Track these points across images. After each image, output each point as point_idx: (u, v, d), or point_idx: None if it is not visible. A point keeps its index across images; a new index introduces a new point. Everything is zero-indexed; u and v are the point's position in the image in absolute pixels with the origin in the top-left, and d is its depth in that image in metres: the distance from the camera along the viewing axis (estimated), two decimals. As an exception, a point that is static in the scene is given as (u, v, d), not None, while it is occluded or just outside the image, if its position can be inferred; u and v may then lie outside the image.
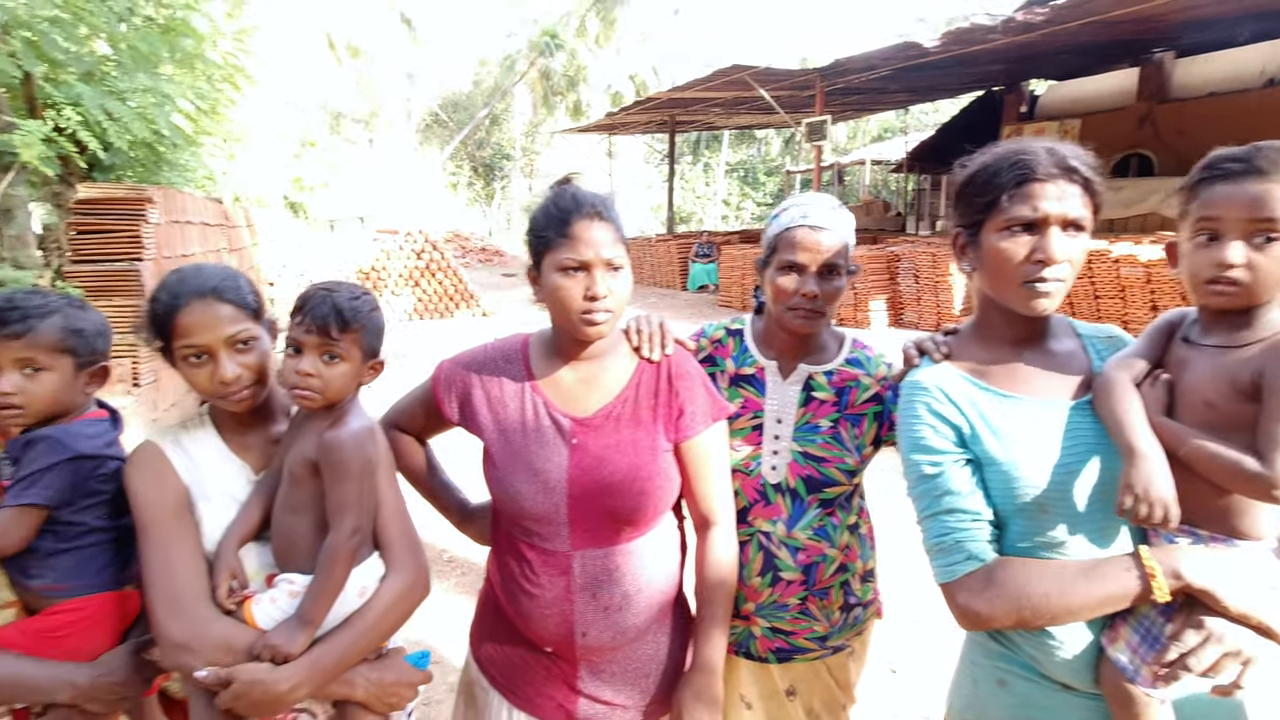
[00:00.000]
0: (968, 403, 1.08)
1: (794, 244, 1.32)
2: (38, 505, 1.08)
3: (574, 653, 1.22)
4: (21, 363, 1.10)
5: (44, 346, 1.11)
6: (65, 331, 1.13)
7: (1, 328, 1.09)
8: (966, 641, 1.18)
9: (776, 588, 1.36)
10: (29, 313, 1.10)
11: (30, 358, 1.10)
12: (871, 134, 33.61)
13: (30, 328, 1.10)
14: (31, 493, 1.08)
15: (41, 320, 1.11)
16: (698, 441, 1.26)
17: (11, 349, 1.09)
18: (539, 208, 1.22)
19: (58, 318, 1.13)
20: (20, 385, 1.10)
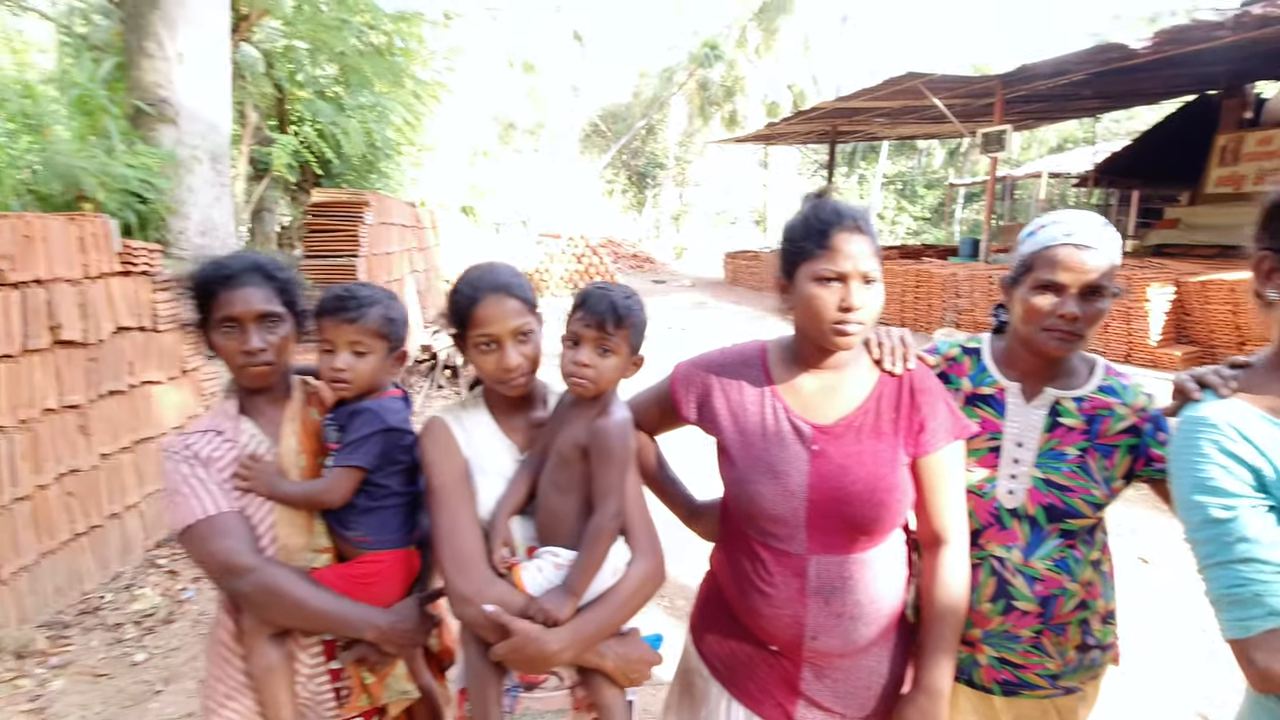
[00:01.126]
0: (1270, 444, 0.99)
1: (1055, 263, 1.27)
2: (360, 467, 1.27)
3: (800, 654, 1.25)
4: (353, 344, 1.29)
5: (370, 331, 1.30)
6: (385, 320, 1.32)
7: (341, 313, 1.28)
8: (1250, 705, 1.08)
9: (1009, 617, 1.31)
10: (362, 302, 1.30)
11: (360, 340, 1.29)
12: (1049, 144, 30.94)
13: (363, 314, 1.29)
14: (357, 456, 1.27)
15: (370, 309, 1.30)
16: (937, 458, 1.25)
17: (346, 332, 1.29)
18: (797, 219, 1.26)
19: (380, 307, 1.32)
20: (350, 363, 1.29)
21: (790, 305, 1.28)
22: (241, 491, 1.26)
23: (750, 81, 29.90)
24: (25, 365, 2.86)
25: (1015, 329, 1.37)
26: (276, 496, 1.27)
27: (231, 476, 1.27)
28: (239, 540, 1.22)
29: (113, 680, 2.62)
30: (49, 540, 2.96)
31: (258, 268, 1.32)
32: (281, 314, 1.32)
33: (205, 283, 1.29)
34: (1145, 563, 3.52)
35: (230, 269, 1.30)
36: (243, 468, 1.27)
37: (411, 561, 1.37)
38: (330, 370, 1.30)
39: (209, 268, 1.31)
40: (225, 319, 1.28)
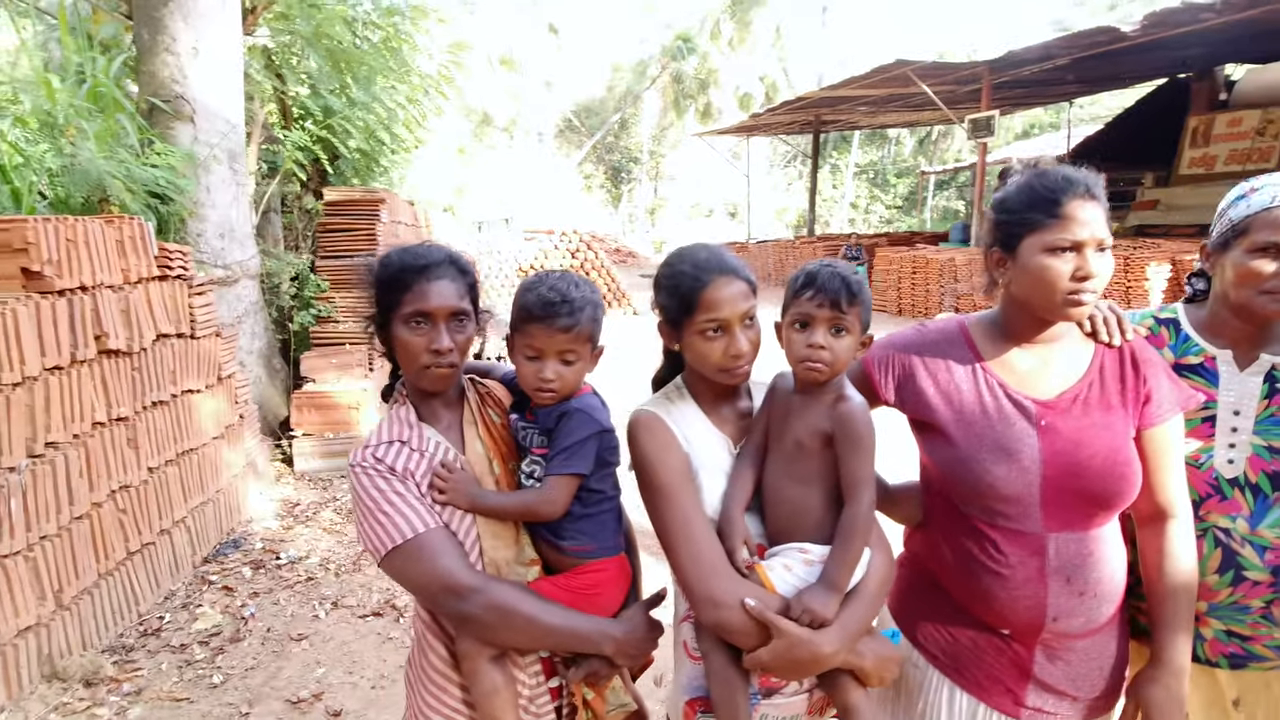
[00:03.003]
0: None
1: (1277, 225, 1.24)
2: (581, 474, 1.19)
3: (1036, 637, 1.21)
4: (563, 353, 1.20)
5: (583, 338, 1.21)
6: (594, 323, 1.22)
7: (553, 320, 1.18)
8: None
9: (1239, 588, 1.29)
10: (575, 306, 1.19)
11: (572, 349, 1.20)
12: (1015, 131, 31.52)
13: (576, 322, 1.19)
14: (575, 463, 1.18)
15: (582, 314, 1.20)
16: (1163, 430, 1.22)
17: (558, 341, 1.18)
18: (1016, 189, 1.22)
19: (591, 309, 1.22)
20: (560, 372, 1.20)
21: (1008, 279, 1.24)
22: (441, 505, 1.17)
23: (724, 74, 29.95)
24: (74, 377, 2.71)
25: (1223, 295, 1.34)
26: (480, 508, 1.18)
27: (429, 490, 1.17)
28: (456, 559, 1.13)
29: (195, 705, 2.49)
30: (106, 561, 2.82)
31: (453, 261, 1.22)
32: (470, 313, 1.22)
33: (400, 272, 1.19)
34: None
35: (428, 259, 1.20)
36: (438, 479, 1.17)
37: (628, 568, 1.29)
38: (538, 380, 1.20)
39: (404, 256, 1.21)
40: (417, 313, 1.17)
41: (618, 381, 1.28)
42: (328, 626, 3.07)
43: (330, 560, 3.67)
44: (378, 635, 3.01)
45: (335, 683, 2.69)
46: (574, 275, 1.26)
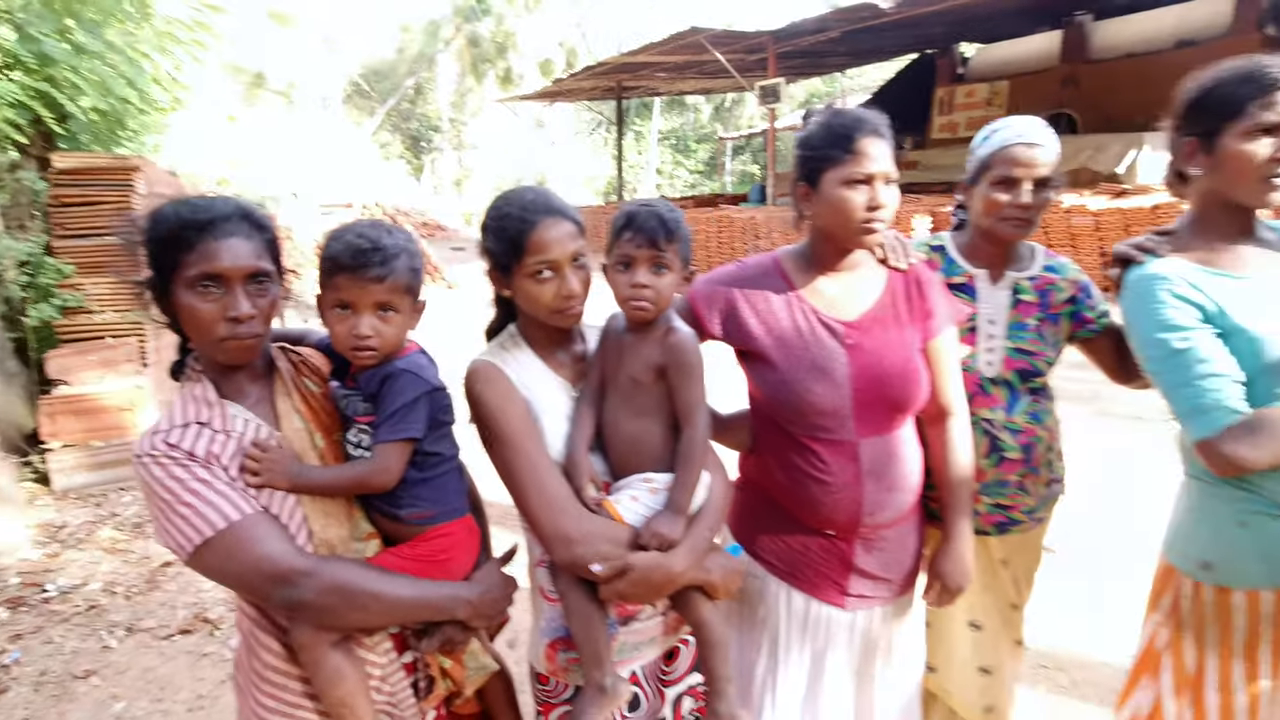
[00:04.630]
0: (1207, 285, 1.26)
1: (1012, 160, 1.47)
2: (414, 438, 1.11)
3: (856, 533, 1.36)
4: (379, 305, 1.10)
5: (400, 287, 1.11)
6: (411, 272, 1.13)
7: (365, 270, 1.08)
8: (1195, 494, 1.38)
9: (1001, 467, 1.53)
10: (388, 253, 1.09)
11: (388, 300, 1.11)
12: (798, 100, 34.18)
13: (391, 269, 1.09)
14: (407, 426, 1.10)
15: (397, 260, 1.10)
16: (941, 340, 1.41)
17: (373, 293, 1.09)
18: (816, 126, 1.32)
19: (407, 256, 1.12)
20: (377, 328, 1.10)
21: (812, 211, 1.34)
22: (257, 488, 1.05)
23: (522, 38, 29.20)
24: None
25: (976, 223, 1.56)
26: (303, 487, 1.07)
27: (240, 473, 1.04)
28: (280, 543, 1.02)
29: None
30: None
31: (245, 215, 1.07)
32: (271, 273, 1.08)
33: (179, 229, 1.02)
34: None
35: (212, 213, 1.03)
36: (250, 460, 1.04)
37: (476, 528, 1.24)
38: (353, 337, 1.10)
39: (182, 209, 1.03)
40: (204, 276, 1.01)
41: (441, 359, 1.22)
42: (123, 656, 2.68)
43: (117, 583, 3.19)
44: (189, 654, 2.69)
45: (141, 714, 2.37)
46: (386, 222, 1.17)
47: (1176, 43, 12.37)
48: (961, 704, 1.69)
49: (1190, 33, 12.28)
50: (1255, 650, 1.35)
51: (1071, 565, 2.93)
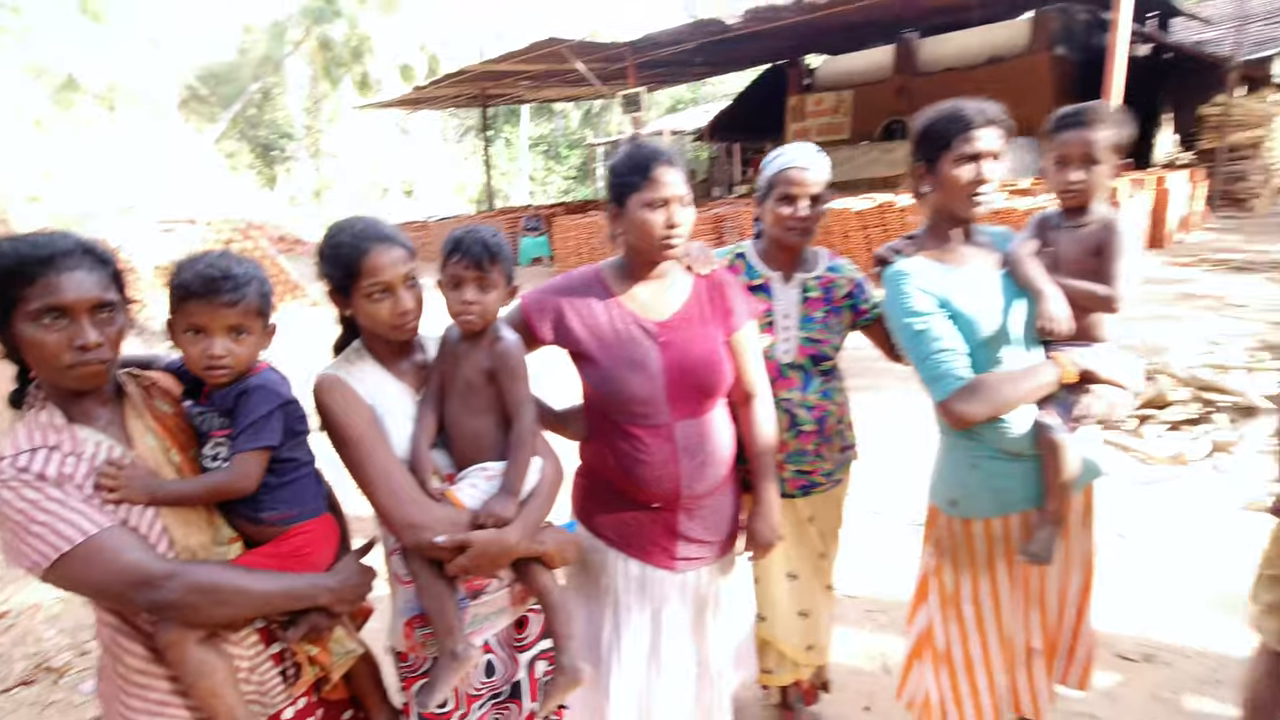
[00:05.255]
0: (938, 278, 1.59)
1: (789, 181, 1.75)
2: (270, 446, 1.21)
3: (678, 504, 1.58)
4: (232, 328, 1.19)
5: (252, 311, 1.21)
6: (262, 297, 1.23)
7: (216, 296, 1.16)
8: (942, 445, 1.72)
9: (800, 439, 1.81)
10: (239, 280, 1.18)
11: (241, 323, 1.20)
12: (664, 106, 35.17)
13: (243, 295, 1.19)
14: (264, 436, 1.20)
15: (249, 286, 1.20)
16: (743, 334, 1.66)
17: (226, 317, 1.18)
18: (621, 158, 1.53)
19: (258, 282, 1.22)
20: (230, 349, 1.19)
21: (622, 229, 1.56)
22: (114, 504, 1.10)
23: (379, 42, 28.16)
24: None
25: (768, 233, 1.83)
26: (161, 499, 1.14)
27: (96, 490, 1.09)
28: (140, 551, 1.08)
29: None
30: None
31: (86, 249, 1.12)
32: (116, 303, 1.13)
33: (18, 265, 1.05)
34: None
35: (52, 249, 1.07)
36: (105, 477, 1.10)
37: (335, 524, 1.35)
38: (207, 359, 1.18)
39: (20, 245, 1.07)
40: (48, 309, 1.06)
41: (308, 374, 1.33)
42: (-47, 717, 2.49)
43: (-61, 642, 2.93)
44: (32, 706, 2.53)
45: (-21, 774, 2.23)
46: (233, 254, 1.26)
47: (988, 58, 13.95)
48: (787, 645, 1.97)
49: (998, 50, 13.89)
50: (993, 568, 1.70)
51: (891, 522, 3.37)
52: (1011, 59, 13.50)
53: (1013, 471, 1.63)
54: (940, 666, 1.81)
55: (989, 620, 1.74)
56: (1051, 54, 13.02)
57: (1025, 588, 1.73)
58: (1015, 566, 1.70)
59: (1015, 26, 13.66)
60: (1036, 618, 1.75)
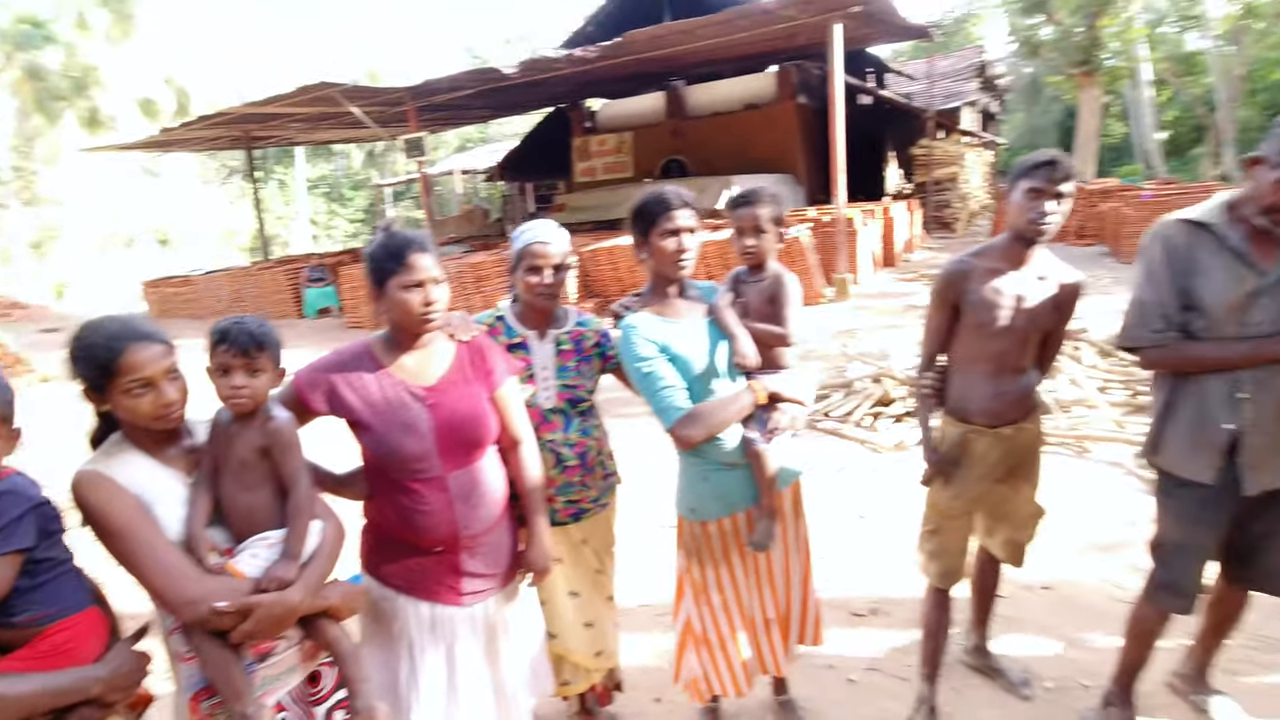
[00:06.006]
0: (659, 328, 1.96)
1: (533, 254, 2.04)
2: (22, 549, 1.21)
3: (458, 545, 1.78)
4: None
5: None
6: (8, 403, 1.24)
7: None
8: (680, 464, 2.08)
9: (567, 473, 2.09)
10: None
11: None
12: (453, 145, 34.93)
13: None
14: (12, 540, 1.20)
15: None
16: (505, 390, 1.90)
17: None
18: (377, 246, 1.72)
19: (5, 388, 1.23)
20: None
21: (385, 308, 1.74)
22: None
23: (110, 73, 24.92)
24: None
25: (521, 297, 2.11)
26: None
27: None
28: None
29: None
30: None
31: None
32: None
33: None
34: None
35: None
36: None
37: (102, 617, 1.36)
38: None
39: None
40: None
41: (56, 459, 1.34)
42: None
43: None
44: None
45: None
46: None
47: (745, 105, 15.72)
48: (578, 656, 2.22)
49: (752, 98, 15.72)
50: (730, 559, 2.09)
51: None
52: (764, 106, 15.37)
53: (733, 479, 2.04)
54: (701, 648, 2.17)
55: (732, 603, 2.13)
56: (795, 102, 15.02)
57: (757, 571, 2.15)
58: (747, 555, 2.11)
59: (764, 78, 15.59)
60: (769, 594, 2.18)
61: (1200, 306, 1.91)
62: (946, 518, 2.28)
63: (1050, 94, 26.51)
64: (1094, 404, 4.94)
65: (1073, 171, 1.97)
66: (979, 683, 2.60)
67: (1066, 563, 3.30)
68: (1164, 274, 1.94)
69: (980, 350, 2.13)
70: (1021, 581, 3.06)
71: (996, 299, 2.06)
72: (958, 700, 2.51)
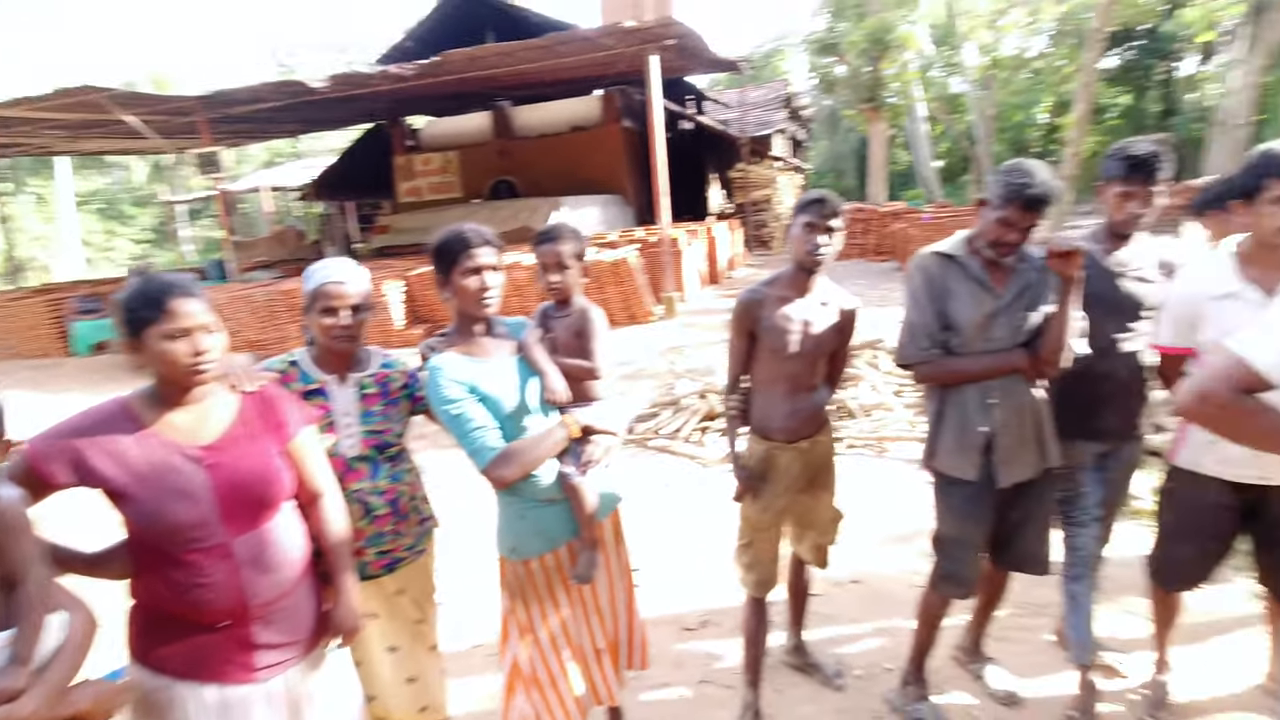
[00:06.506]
0: (466, 368, 1.91)
1: (327, 295, 1.91)
2: None
3: (248, 616, 1.60)
4: None
5: None
6: None
7: None
8: (498, 504, 2.03)
9: (377, 523, 1.97)
10: None
11: None
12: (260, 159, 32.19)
13: None
14: None
15: None
16: (299, 441, 1.76)
17: None
18: (129, 294, 1.51)
19: None
20: None
21: (146, 361, 1.54)
22: None
23: None
24: None
25: (318, 340, 1.97)
26: None
27: None
28: None
29: None
30: None
31: None
32: None
33: None
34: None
35: None
36: None
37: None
38: None
39: None
40: None
41: None
42: None
43: None
44: None
45: None
46: None
47: (572, 127, 15.94)
48: (400, 715, 2.09)
49: (579, 120, 15.98)
50: (554, 594, 2.07)
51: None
52: (591, 128, 15.68)
53: (552, 514, 2.02)
54: (531, 689, 2.12)
55: (560, 638, 2.11)
56: (621, 125, 15.47)
57: (584, 603, 2.14)
58: (571, 588, 2.10)
59: (590, 101, 15.92)
60: (597, 624, 2.18)
61: (955, 326, 2.19)
62: (758, 530, 2.42)
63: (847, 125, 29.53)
64: (890, 407, 5.51)
65: (839, 208, 2.19)
66: (799, 680, 2.78)
67: (872, 556, 3.62)
68: (925, 299, 2.21)
69: (776, 372, 2.30)
70: (834, 579, 3.32)
71: (787, 325, 2.24)
72: (779, 700, 2.66)
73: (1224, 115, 15.01)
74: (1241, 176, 1.99)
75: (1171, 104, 26.84)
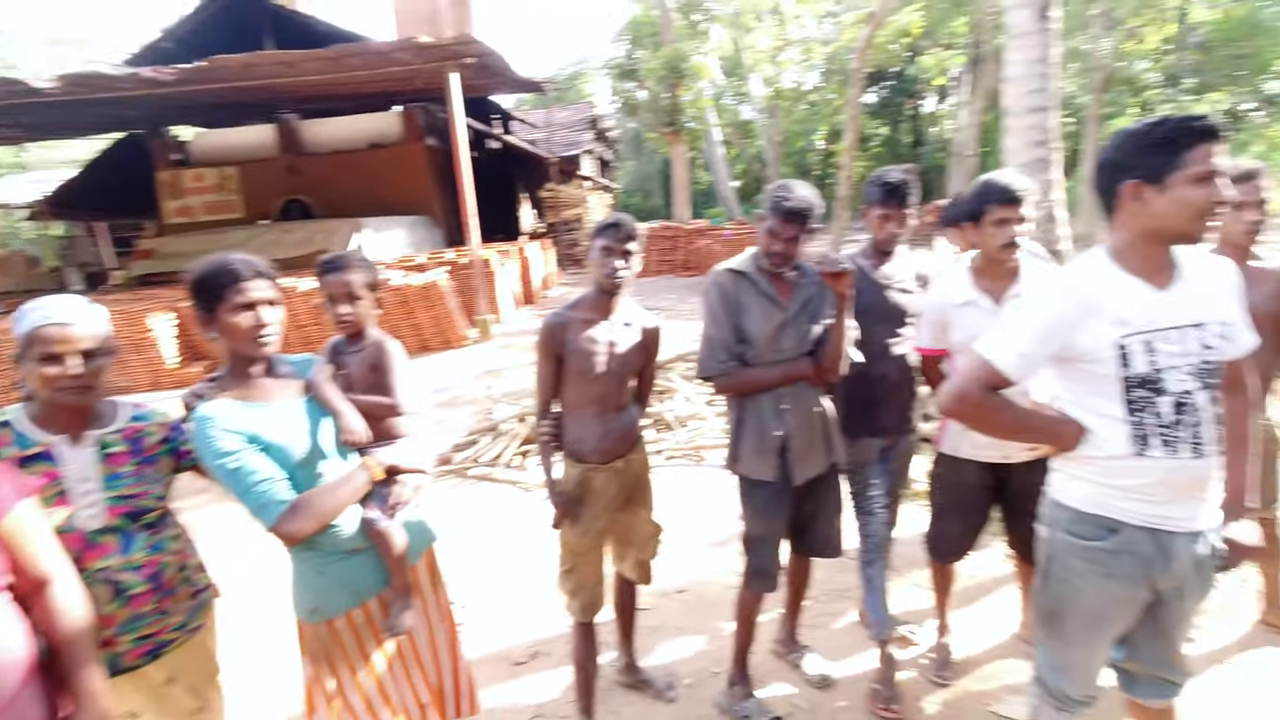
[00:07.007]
0: (242, 415, 1.68)
1: (48, 339, 1.58)
2: None
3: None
4: None
5: None
6: None
7: None
8: (293, 562, 1.81)
9: (132, 604, 1.65)
10: None
11: None
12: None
13: None
14: None
15: None
16: (11, 520, 1.43)
17: None
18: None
19: None
20: None
21: None
22: None
23: None
24: None
25: (40, 395, 1.63)
26: None
27: None
28: None
29: None
30: None
31: None
32: None
33: None
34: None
35: None
36: None
37: None
38: None
39: None
40: None
41: None
42: None
43: None
44: None
45: None
46: None
47: (370, 144, 15.07)
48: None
49: (377, 137, 15.15)
50: (365, 652, 1.87)
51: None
52: (391, 145, 14.93)
53: (357, 564, 1.84)
54: (347, 761, 1.90)
55: (376, 700, 1.91)
56: (424, 143, 14.88)
57: (402, 655, 1.96)
58: (386, 642, 1.92)
59: (389, 118, 15.16)
60: (419, 676, 2.01)
61: (749, 339, 2.33)
62: (579, 554, 2.39)
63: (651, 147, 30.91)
64: (704, 416, 5.77)
65: (635, 231, 2.25)
66: (633, 698, 2.77)
67: (694, 564, 3.74)
68: (722, 314, 2.32)
69: (585, 394, 2.30)
70: (660, 590, 3.38)
71: (592, 347, 2.24)
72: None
73: (958, 147, 17.82)
74: (967, 202, 2.34)
75: (919, 136, 31.59)
